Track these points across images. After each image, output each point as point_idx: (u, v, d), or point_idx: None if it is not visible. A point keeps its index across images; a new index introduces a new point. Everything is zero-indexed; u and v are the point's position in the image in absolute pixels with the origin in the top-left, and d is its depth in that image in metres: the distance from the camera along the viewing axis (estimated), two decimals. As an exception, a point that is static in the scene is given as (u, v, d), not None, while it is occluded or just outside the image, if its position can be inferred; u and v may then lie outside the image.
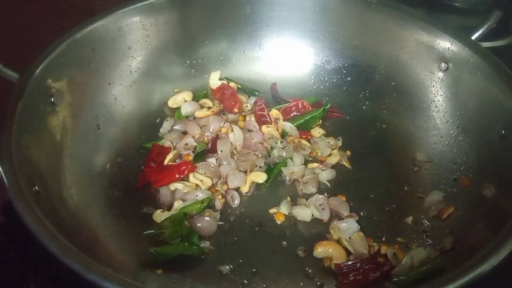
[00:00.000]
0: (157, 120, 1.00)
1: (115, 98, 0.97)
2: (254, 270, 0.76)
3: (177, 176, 0.87)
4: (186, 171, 0.87)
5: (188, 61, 1.06)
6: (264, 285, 0.74)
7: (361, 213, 0.85)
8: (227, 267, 0.76)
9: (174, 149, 0.93)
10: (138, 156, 0.93)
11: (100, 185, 0.86)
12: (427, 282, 0.61)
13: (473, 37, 0.94)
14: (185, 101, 1.02)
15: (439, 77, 0.95)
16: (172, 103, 1.03)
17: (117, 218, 0.82)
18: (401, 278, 0.73)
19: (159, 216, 0.83)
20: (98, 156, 0.90)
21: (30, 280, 0.75)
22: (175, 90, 1.05)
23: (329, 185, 0.90)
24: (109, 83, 0.96)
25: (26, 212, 0.63)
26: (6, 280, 0.76)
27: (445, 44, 0.92)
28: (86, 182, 0.84)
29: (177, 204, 0.84)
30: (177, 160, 0.91)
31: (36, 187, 0.70)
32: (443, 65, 0.93)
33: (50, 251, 0.60)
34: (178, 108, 1.02)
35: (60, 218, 0.71)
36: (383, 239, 0.81)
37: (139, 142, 0.96)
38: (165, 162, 0.90)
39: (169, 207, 0.85)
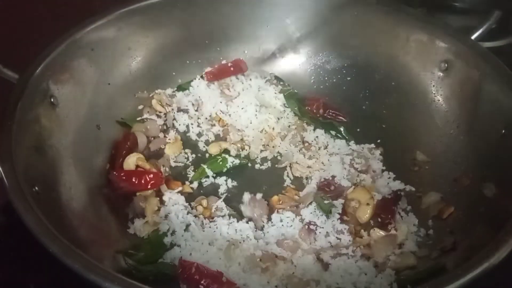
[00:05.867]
0: (157, 120, 1.00)
1: (115, 99, 0.97)
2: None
3: (143, 187, 0.81)
4: (153, 184, 0.81)
5: (188, 61, 1.06)
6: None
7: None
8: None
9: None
10: (138, 156, 0.93)
11: (100, 185, 0.86)
12: (427, 282, 0.61)
13: (473, 37, 0.94)
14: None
15: (439, 77, 0.95)
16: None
17: (117, 218, 0.82)
18: (401, 278, 0.73)
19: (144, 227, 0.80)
20: (98, 156, 0.90)
21: (30, 280, 0.75)
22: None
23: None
24: (109, 83, 0.96)
25: (26, 212, 0.63)
26: (6, 280, 0.76)
27: (445, 44, 0.92)
28: (86, 182, 0.84)
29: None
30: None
31: (36, 187, 0.69)
32: (443, 65, 0.93)
33: (50, 251, 0.59)
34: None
35: (60, 218, 0.71)
36: (383, 239, 0.81)
37: (139, 142, 0.96)
38: (124, 165, 0.86)
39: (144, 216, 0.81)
